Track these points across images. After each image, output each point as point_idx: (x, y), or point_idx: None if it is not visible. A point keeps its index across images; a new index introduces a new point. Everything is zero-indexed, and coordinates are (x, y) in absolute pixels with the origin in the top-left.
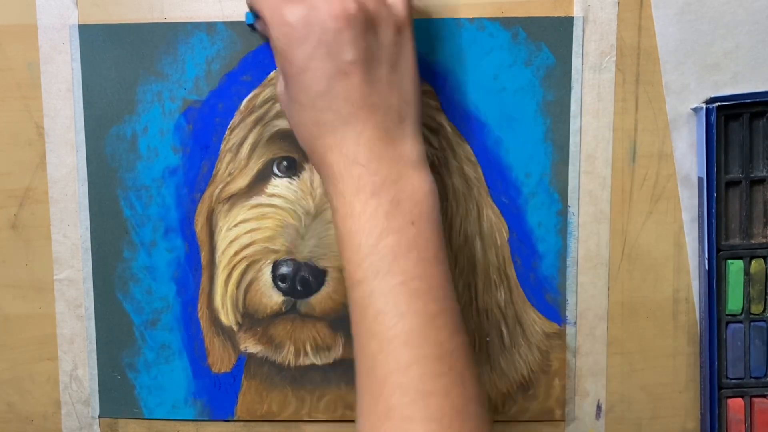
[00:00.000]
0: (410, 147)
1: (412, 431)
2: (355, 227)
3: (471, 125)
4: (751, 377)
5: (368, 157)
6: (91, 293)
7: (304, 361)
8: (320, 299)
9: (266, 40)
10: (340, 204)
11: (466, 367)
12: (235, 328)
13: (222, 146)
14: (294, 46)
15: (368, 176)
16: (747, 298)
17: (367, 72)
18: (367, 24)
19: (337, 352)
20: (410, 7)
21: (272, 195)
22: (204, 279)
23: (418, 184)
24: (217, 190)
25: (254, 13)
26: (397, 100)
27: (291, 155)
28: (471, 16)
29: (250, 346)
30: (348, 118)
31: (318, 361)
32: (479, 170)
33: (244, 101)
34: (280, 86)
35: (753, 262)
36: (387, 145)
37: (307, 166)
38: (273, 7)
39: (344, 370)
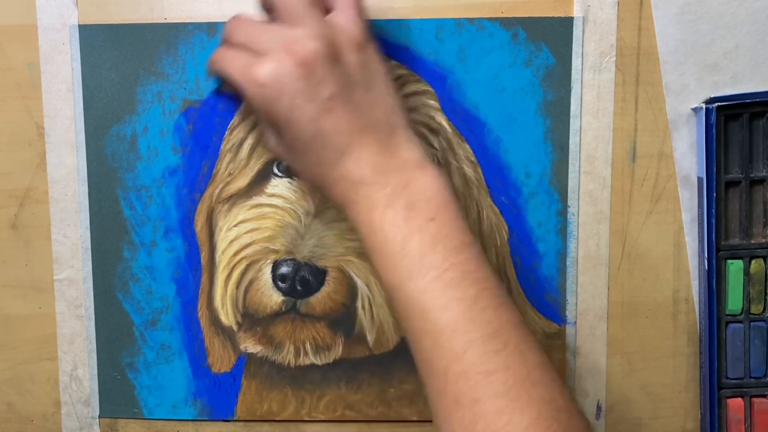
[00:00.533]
0: (408, 151)
1: (483, 411)
2: (380, 240)
3: (471, 125)
4: (750, 377)
5: (373, 174)
6: (91, 293)
7: (304, 361)
8: (320, 299)
9: (235, 98)
10: (360, 224)
11: (520, 339)
12: (235, 328)
13: (222, 146)
14: (274, 103)
15: (378, 192)
16: (747, 298)
17: (347, 100)
18: (331, 56)
19: (337, 352)
20: (363, 23)
21: (272, 195)
22: (204, 279)
23: (427, 181)
24: (217, 190)
25: (218, 78)
26: (382, 114)
27: None
28: (471, 16)
29: (250, 346)
30: (344, 148)
31: (318, 361)
32: (479, 170)
33: (244, 103)
34: (271, 140)
35: (753, 262)
36: (387, 158)
37: None
38: (242, 71)
39: (344, 370)
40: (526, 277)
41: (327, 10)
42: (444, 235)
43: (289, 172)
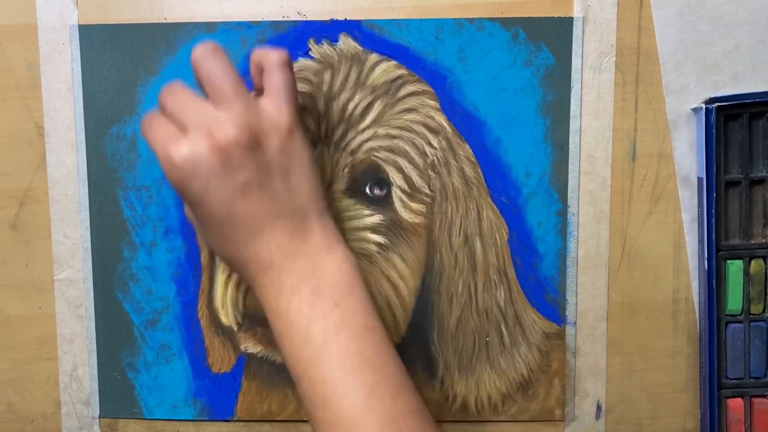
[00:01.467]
0: (320, 235)
1: None
2: (285, 325)
3: (471, 125)
4: (750, 377)
5: (281, 260)
6: (91, 293)
7: None
8: None
9: None
10: (268, 307)
11: (415, 428)
12: (235, 328)
13: None
14: (186, 184)
15: (285, 277)
16: (747, 299)
17: (262, 186)
18: (251, 143)
19: None
20: (291, 109)
21: None
22: (204, 279)
23: (334, 266)
24: None
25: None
26: (298, 201)
27: None
28: (471, 16)
29: (250, 346)
30: (255, 231)
31: None
32: (479, 170)
33: None
34: (187, 208)
35: (753, 262)
36: (297, 243)
37: None
38: (161, 146)
39: None
40: (526, 277)
41: (261, 90)
42: (347, 321)
43: None
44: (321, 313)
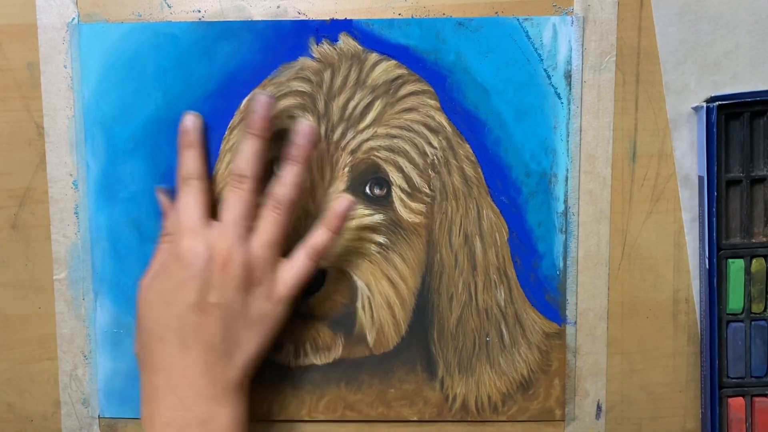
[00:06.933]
0: (232, 381)
1: None
2: None
3: (471, 125)
4: (751, 376)
5: (186, 392)
6: (91, 293)
7: (304, 361)
8: (320, 299)
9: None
10: (147, 426)
11: None
12: None
13: (222, 146)
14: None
15: (181, 411)
16: (748, 298)
17: (222, 317)
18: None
19: (337, 352)
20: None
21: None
22: None
23: (225, 422)
24: (217, 190)
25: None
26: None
27: None
28: (471, 16)
29: None
30: (183, 350)
31: (318, 361)
32: (479, 170)
33: (244, 101)
34: (148, 279)
35: (753, 261)
36: (208, 384)
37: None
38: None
39: (344, 370)
40: (526, 277)
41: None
42: None
43: None
44: None
